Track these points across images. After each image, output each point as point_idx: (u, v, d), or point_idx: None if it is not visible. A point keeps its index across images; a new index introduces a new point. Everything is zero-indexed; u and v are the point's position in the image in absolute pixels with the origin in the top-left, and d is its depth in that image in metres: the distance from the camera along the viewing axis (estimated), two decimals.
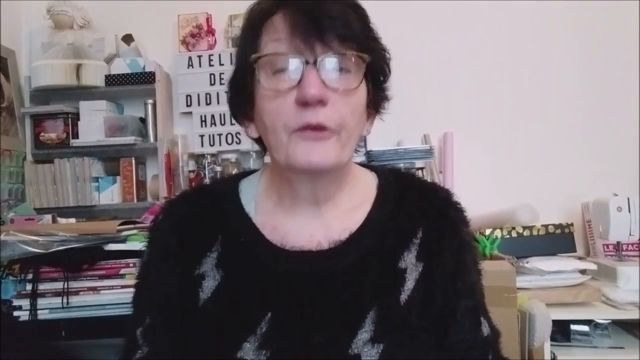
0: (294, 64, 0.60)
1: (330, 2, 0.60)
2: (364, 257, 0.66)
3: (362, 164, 0.77)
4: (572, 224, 1.73)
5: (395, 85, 0.72)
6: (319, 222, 0.68)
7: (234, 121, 0.73)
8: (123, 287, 1.37)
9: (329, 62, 0.60)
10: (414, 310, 0.65)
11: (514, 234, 1.70)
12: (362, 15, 0.64)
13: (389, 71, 0.69)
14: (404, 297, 0.66)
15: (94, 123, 2.13)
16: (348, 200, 0.70)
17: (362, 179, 0.73)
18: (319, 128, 0.59)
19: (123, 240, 1.39)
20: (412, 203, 0.71)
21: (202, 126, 2.19)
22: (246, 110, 0.67)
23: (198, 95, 2.19)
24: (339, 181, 0.68)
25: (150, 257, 0.73)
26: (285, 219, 0.69)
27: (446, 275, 0.68)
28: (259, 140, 0.69)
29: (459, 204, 0.74)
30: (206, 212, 0.71)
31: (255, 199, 0.72)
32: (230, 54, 2.14)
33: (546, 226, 1.70)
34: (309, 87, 0.58)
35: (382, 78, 0.68)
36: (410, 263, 0.67)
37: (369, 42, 0.64)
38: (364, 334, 0.63)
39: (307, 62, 0.59)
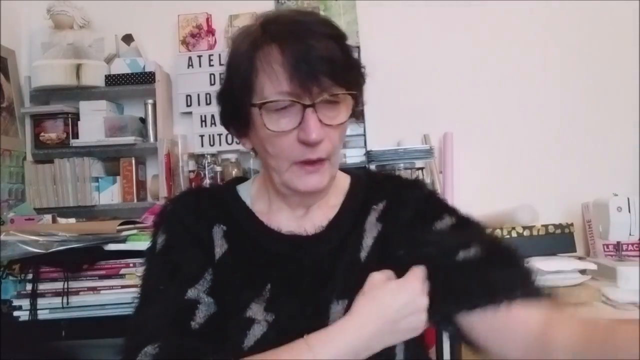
0: (295, 108, 0.66)
1: (318, 40, 0.65)
2: (344, 239, 0.74)
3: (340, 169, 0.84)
4: (572, 224, 1.72)
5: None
6: (308, 222, 0.76)
7: None
8: (123, 287, 1.37)
9: (325, 103, 0.67)
10: (372, 267, 0.70)
11: (514, 234, 1.70)
12: (343, 45, 0.69)
13: (364, 81, 0.74)
14: (363, 254, 0.73)
15: (94, 123, 2.13)
16: (333, 199, 0.78)
17: (341, 180, 0.80)
18: (317, 161, 0.68)
19: (123, 240, 1.39)
20: (380, 188, 0.79)
21: (202, 126, 2.19)
22: (240, 128, 0.74)
23: (198, 95, 2.19)
24: (326, 190, 0.75)
25: (168, 238, 0.73)
26: (275, 217, 0.77)
27: (403, 227, 0.73)
28: (253, 149, 0.76)
29: (429, 185, 0.80)
30: (211, 202, 0.78)
31: (251, 202, 0.79)
32: None
33: (546, 226, 1.70)
34: (310, 132, 0.65)
35: (359, 92, 0.73)
36: (370, 223, 0.75)
37: (352, 72, 0.70)
38: (333, 293, 0.70)
39: (306, 106, 0.65)
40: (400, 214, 0.75)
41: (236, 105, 0.70)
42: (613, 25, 2.10)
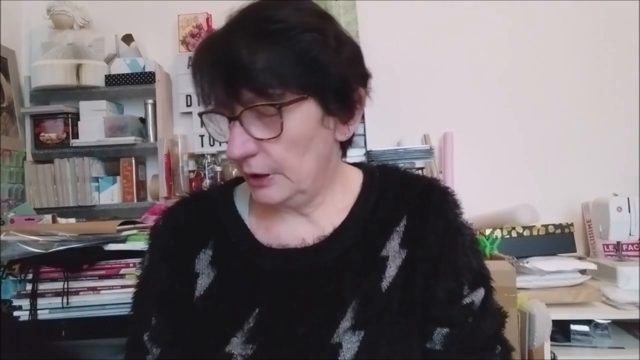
0: (221, 121, 0.63)
1: (249, 46, 0.57)
2: (348, 250, 0.68)
3: (354, 163, 0.78)
4: (572, 224, 1.73)
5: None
6: (311, 224, 0.70)
7: None
8: (123, 287, 1.37)
9: (248, 116, 0.60)
10: (395, 296, 0.66)
11: (514, 234, 1.70)
12: (296, 45, 0.58)
13: (356, 76, 0.64)
14: (385, 284, 0.66)
15: (94, 123, 2.13)
16: (340, 200, 0.71)
17: (352, 179, 0.74)
18: (256, 176, 0.62)
19: (123, 240, 1.39)
20: (395, 194, 0.72)
21: (202, 126, 2.17)
22: None
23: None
24: (317, 194, 0.68)
25: (150, 260, 0.75)
26: (277, 220, 0.71)
27: (429, 259, 0.68)
28: None
29: (447, 188, 0.73)
30: (202, 215, 0.73)
31: (249, 202, 0.74)
32: None
33: (546, 226, 1.71)
34: (231, 147, 0.60)
35: (341, 89, 0.62)
36: (393, 250, 0.68)
37: (298, 78, 0.58)
38: (345, 323, 0.64)
39: (229, 119, 0.61)
40: (424, 239, 0.68)
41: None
42: (613, 25, 2.10)
